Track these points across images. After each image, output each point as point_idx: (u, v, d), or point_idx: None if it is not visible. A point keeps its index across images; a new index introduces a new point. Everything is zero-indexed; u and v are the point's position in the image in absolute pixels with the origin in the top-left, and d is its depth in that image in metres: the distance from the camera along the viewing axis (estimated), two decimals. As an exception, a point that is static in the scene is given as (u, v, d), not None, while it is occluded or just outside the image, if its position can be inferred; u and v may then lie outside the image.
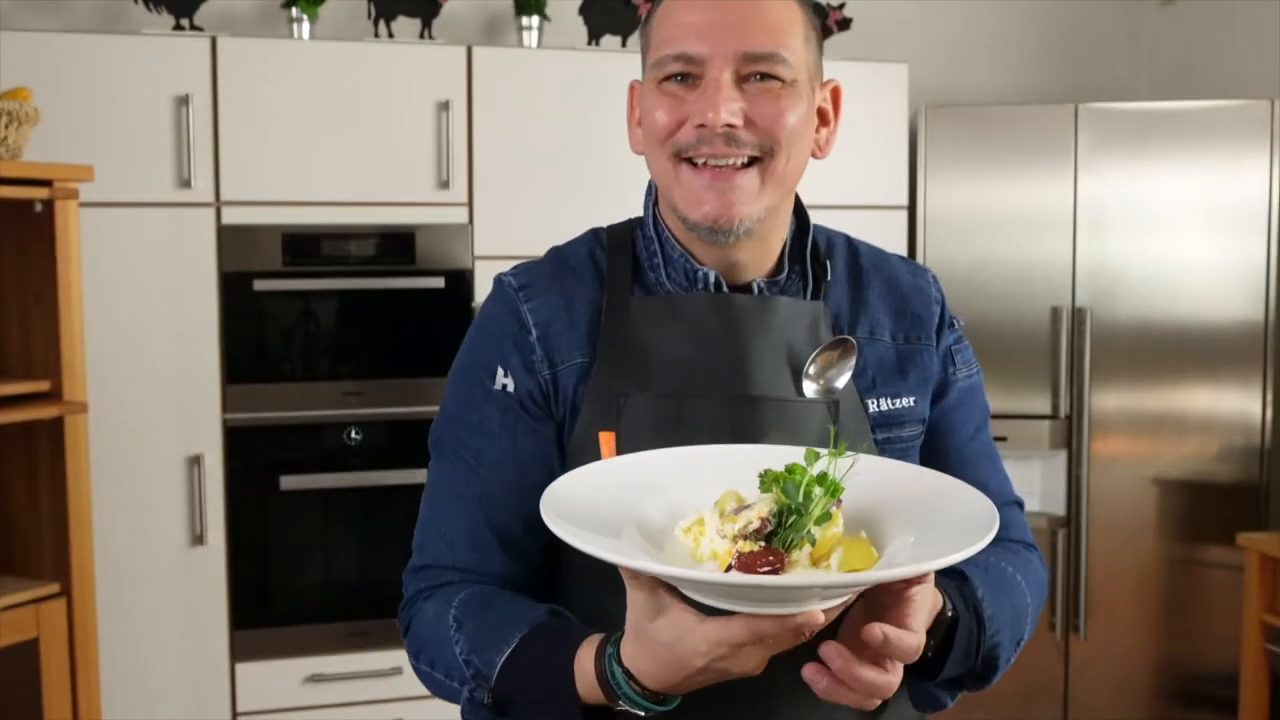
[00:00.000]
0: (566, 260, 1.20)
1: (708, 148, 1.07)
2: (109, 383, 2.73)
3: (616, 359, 1.12)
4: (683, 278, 1.16)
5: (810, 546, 0.88)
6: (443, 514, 1.16)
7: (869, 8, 3.66)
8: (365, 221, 2.97)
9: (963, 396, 1.23)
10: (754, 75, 1.08)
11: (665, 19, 1.12)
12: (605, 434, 1.09)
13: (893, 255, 1.28)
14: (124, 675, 2.82)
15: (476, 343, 1.19)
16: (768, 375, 1.12)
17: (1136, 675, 3.45)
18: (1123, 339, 3.36)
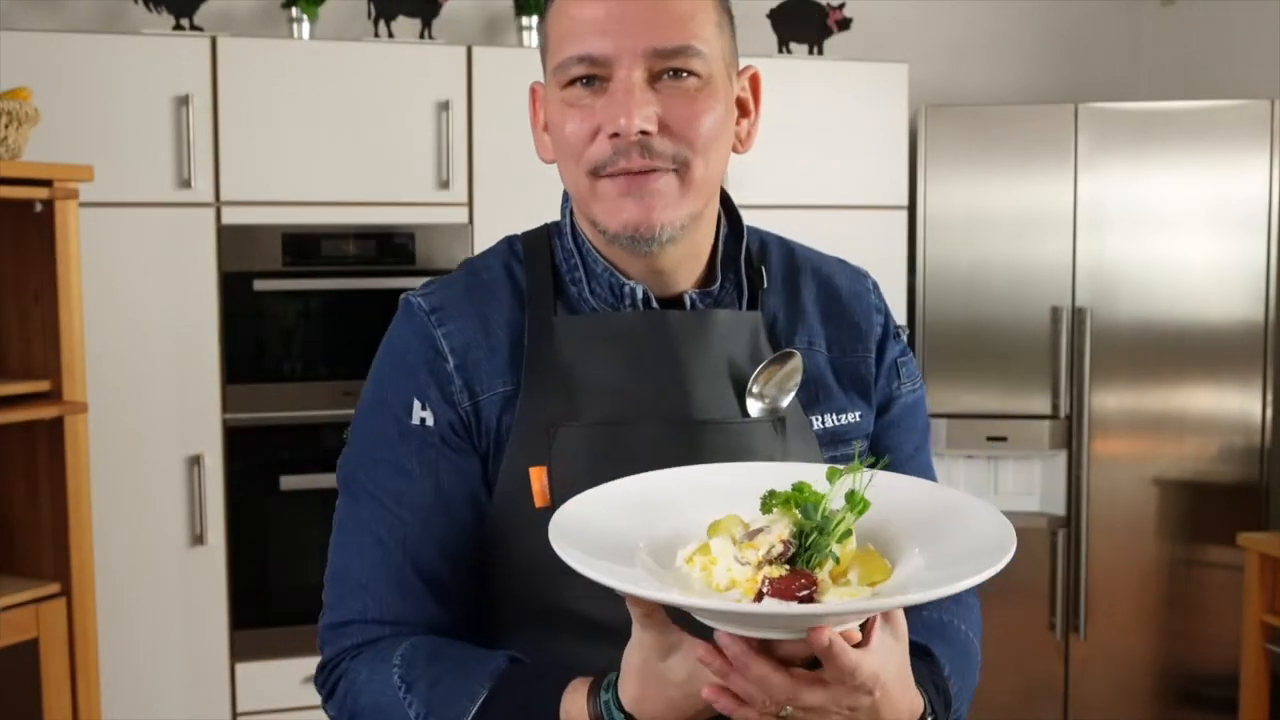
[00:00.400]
0: (480, 276, 1.10)
1: (624, 160, 0.99)
2: (109, 383, 2.73)
3: (543, 387, 1.04)
4: (608, 293, 1.07)
5: (833, 564, 0.85)
6: (362, 562, 1.05)
7: (869, 8, 3.66)
8: (365, 221, 2.97)
9: (904, 413, 1.16)
10: (666, 73, 0.99)
11: (562, 15, 1.02)
12: (536, 469, 1.02)
13: (831, 257, 1.20)
14: (124, 675, 2.82)
15: (388, 373, 1.08)
16: (709, 396, 1.04)
17: (1136, 675, 3.45)
18: (1123, 339, 3.36)
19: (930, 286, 3.41)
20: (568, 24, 1.01)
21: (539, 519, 0.97)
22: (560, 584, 1.00)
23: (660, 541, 0.90)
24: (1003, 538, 0.84)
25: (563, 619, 1.03)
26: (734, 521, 0.88)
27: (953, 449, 3.41)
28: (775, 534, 0.84)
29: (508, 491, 1.04)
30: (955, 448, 3.41)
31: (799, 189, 3.20)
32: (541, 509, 1.01)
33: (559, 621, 1.04)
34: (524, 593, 1.05)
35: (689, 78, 1.00)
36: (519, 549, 1.04)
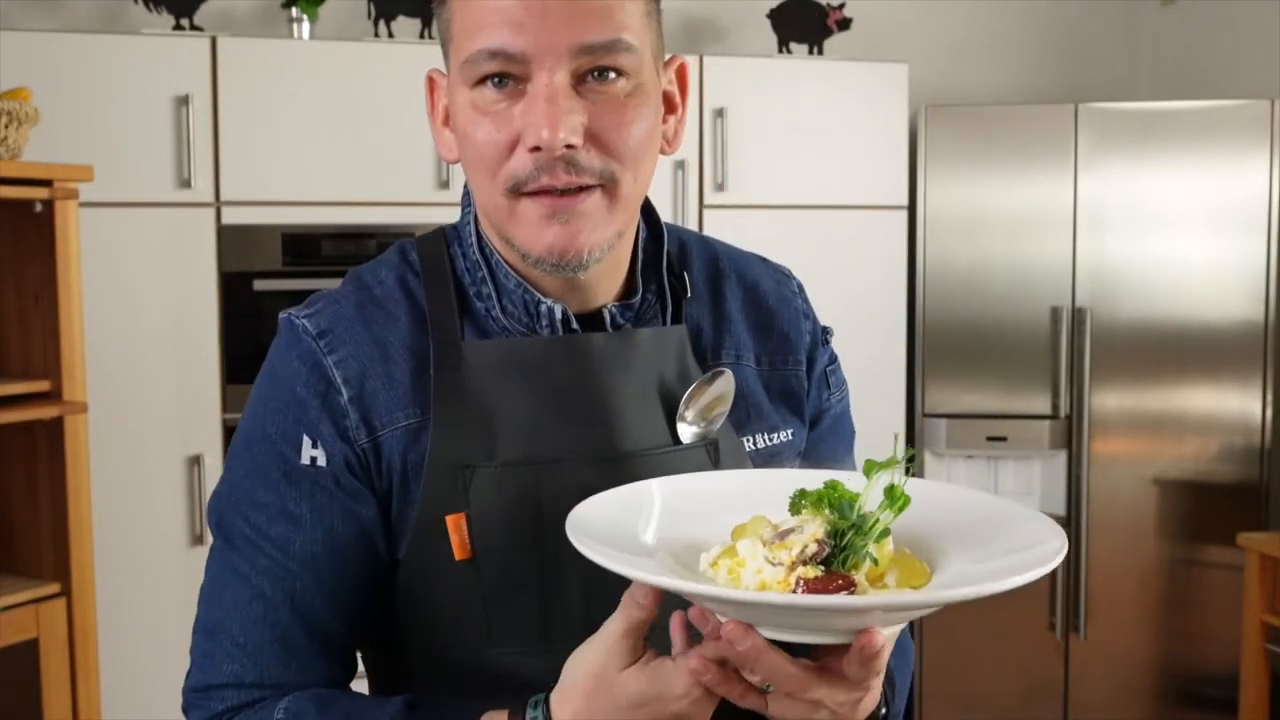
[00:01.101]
0: (373, 292, 0.98)
1: (547, 177, 0.87)
2: (109, 383, 2.73)
3: (454, 423, 0.92)
4: (522, 312, 0.96)
5: (871, 565, 0.80)
6: (241, 620, 0.93)
7: (869, 8, 3.66)
8: (365, 221, 2.97)
9: (834, 423, 1.10)
10: (592, 73, 0.87)
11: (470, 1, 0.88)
12: (453, 518, 0.91)
13: (752, 256, 1.10)
14: (124, 675, 2.82)
15: (273, 405, 0.95)
16: (636, 425, 0.95)
17: (1136, 675, 3.45)
18: (1123, 339, 3.36)
19: (930, 286, 3.41)
20: (476, 10, 0.87)
21: (459, 572, 0.92)
22: (482, 641, 0.93)
23: (678, 546, 0.86)
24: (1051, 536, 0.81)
25: (483, 677, 0.94)
26: (761, 523, 0.84)
27: (953, 449, 3.41)
28: (809, 534, 0.80)
29: (421, 541, 0.93)
30: (955, 448, 3.41)
31: (799, 189, 3.20)
32: (462, 561, 0.91)
33: (479, 679, 0.94)
34: (440, 650, 0.96)
35: (618, 79, 0.88)
36: (438, 604, 0.94)
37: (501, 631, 0.93)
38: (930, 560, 0.84)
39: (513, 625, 0.93)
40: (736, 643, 0.75)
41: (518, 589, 0.92)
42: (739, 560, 0.81)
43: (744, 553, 0.81)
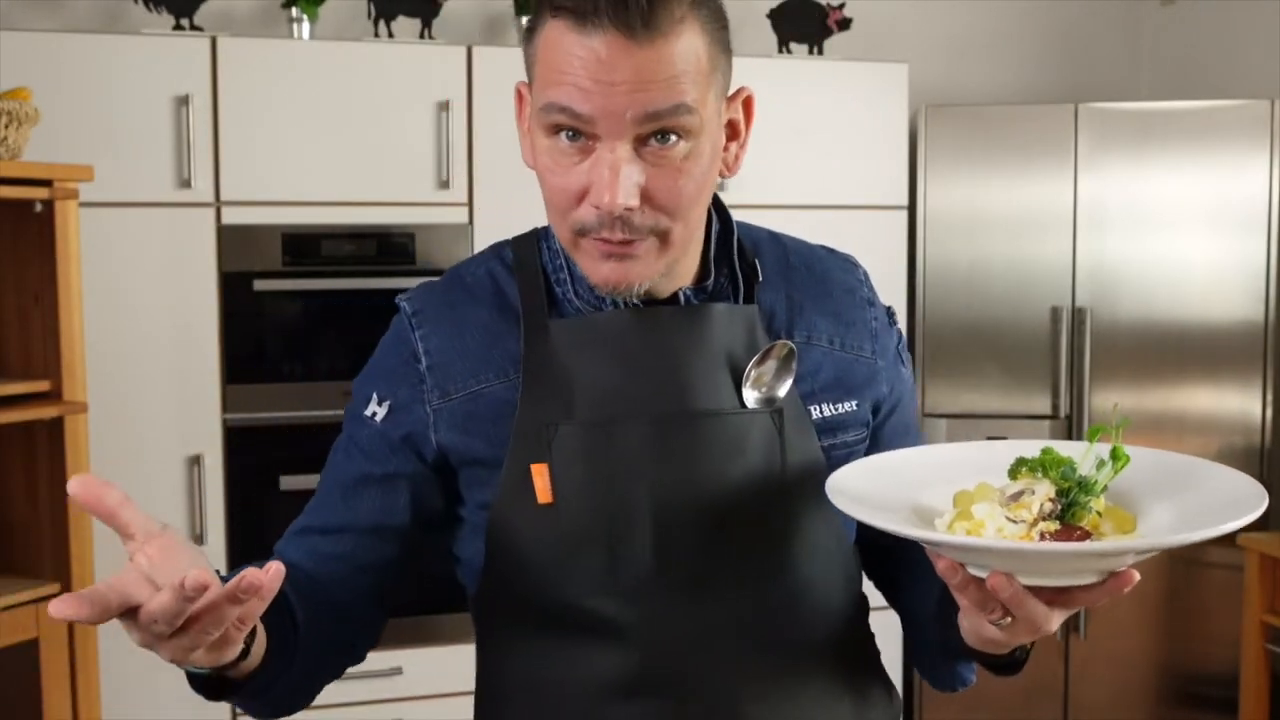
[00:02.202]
0: (464, 281, 1.14)
1: (606, 231, 0.99)
2: (109, 383, 2.73)
3: (541, 388, 1.06)
4: (590, 295, 1.09)
5: (1094, 517, 0.93)
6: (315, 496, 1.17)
7: (869, 8, 3.66)
8: (365, 221, 2.97)
9: (910, 394, 1.21)
10: (654, 136, 0.96)
11: (549, 52, 0.97)
12: (537, 466, 1.04)
13: (819, 248, 1.21)
14: (124, 675, 2.82)
15: (370, 366, 1.15)
16: (705, 387, 1.06)
17: (1136, 675, 3.45)
18: (1123, 339, 3.36)
19: (930, 286, 3.41)
20: (552, 65, 0.97)
21: (542, 515, 1.04)
22: (564, 581, 1.05)
23: (907, 511, 0.99)
24: (1249, 489, 0.92)
25: (565, 616, 1.06)
26: (987, 489, 0.96)
27: (953, 449, 3.41)
28: (1041, 494, 0.92)
29: (510, 487, 1.05)
30: (955, 448, 3.41)
31: (799, 189, 3.20)
32: (544, 505, 1.04)
33: (561, 618, 1.06)
34: (524, 587, 1.08)
35: (677, 142, 0.97)
36: (522, 545, 1.06)
37: (576, 571, 1.05)
38: (1131, 510, 0.96)
39: (586, 566, 1.05)
40: (1000, 591, 0.87)
41: (592, 533, 1.04)
42: (977, 522, 0.93)
43: (981, 515, 0.93)
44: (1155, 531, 0.93)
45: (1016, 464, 0.96)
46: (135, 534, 0.87)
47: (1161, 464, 1.00)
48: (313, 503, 1.14)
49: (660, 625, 1.05)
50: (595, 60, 0.94)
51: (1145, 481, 0.98)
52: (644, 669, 1.06)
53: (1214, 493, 0.94)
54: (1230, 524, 0.85)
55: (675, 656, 1.06)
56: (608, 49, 0.93)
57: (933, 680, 1.20)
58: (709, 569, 1.05)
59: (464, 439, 1.08)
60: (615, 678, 1.06)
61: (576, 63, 0.94)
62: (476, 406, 1.08)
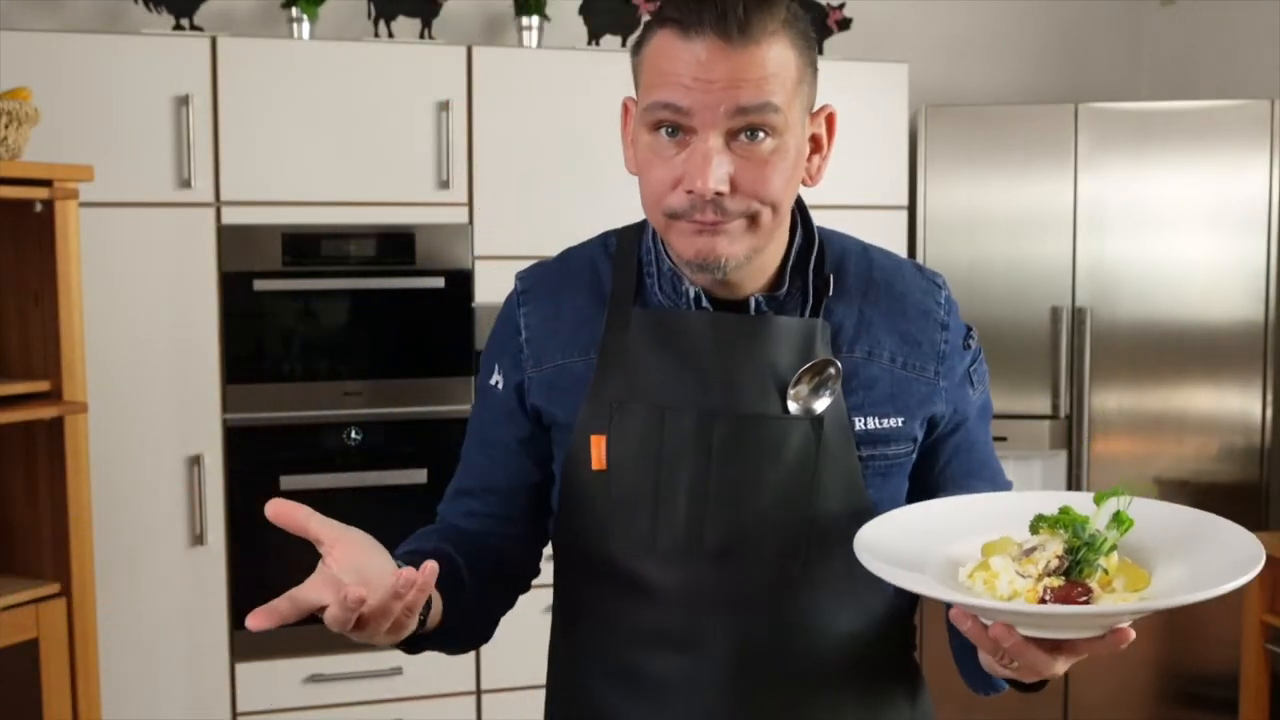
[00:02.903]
0: (570, 265, 1.27)
1: (698, 215, 1.09)
2: (109, 383, 2.73)
3: (613, 368, 1.19)
4: (671, 290, 1.20)
5: (1102, 574, 0.99)
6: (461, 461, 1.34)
7: (869, 8, 3.66)
8: (365, 221, 2.97)
9: (980, 412, 1.28)
10: (744, 131, 1.08)
11: (655, 58, 1.10)
12: (596, 437, 1.17)
13: (907, 264, 1.29)
14: (124, 675, 2.83)
15: (490, 340, 1.31)
16: (752, 392, 1.16)
17: (1136, 675, 3.45)
18: (1123, 339, 3.36)
19: (930, 286, 3.40)
20: (658, 69, 1.09)
21: (595, 480, 1.18)
22: (608, 541, 1.19)
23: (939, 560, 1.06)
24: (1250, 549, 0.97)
25: (610, 572, 1.20)
26: (1008, 542, 1.03)
27: (953, 449, 3.41)
28: (1050, 551, 0.99)
29: (573, 455, 1.19)
30: (955, 448, 3.41)
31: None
32: (597, 471, 1.18)
33: (607, 573, 1.20)
34: (580, 546, 1.22)
35: (765, 139, 1.08)
36: (577, 506, 1.20)
37: (621, 533, 1.18)
38: (1147, 566, 1.01)
39: (630, 529, 1.18)
40: (1002, 641, 0.96)
41: (636, 501, 1.17)
42: (993, 573, 0.99)
43: (996, 567, 1.00)
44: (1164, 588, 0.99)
45: (1036, 520, 1.03)
46: (324, 540, 1.03)
47: (1178, 520, 1.06)
48: (461, 466, 1.32)
49: (686, 590, 1.17)
50: (696, 62, 1.06)
51: (1163, 537, 1.03)
52: (670, 626, 1.18)
53: (1218, 551, 0.99)
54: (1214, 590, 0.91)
55: (695, 620, 1.17)
56: (708, 52, 1.06)
57: (970, 683, 1.26)
58: (737, 546, 1.16)
59: (547, 404, 1.22)
60: (647, 630, 1.19)
61: (680, 65, 1.07)
62: (559, 378, 1.22)
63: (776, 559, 1.16)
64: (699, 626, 1.17)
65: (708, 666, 1.18)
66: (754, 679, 1.18)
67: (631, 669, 1.21)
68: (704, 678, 1.18)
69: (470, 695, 3.04)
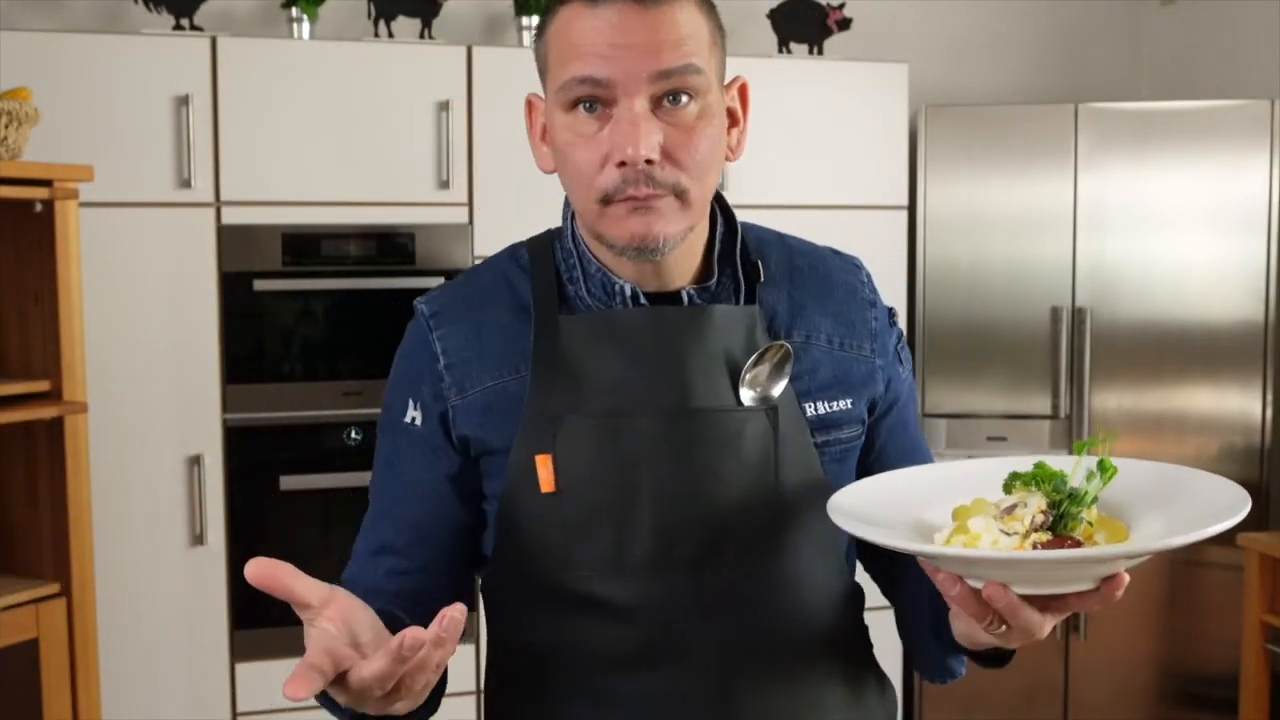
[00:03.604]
0: (480, 282, 1.20)
1: (631, 189, 1.04)
2: (109, 383, 2.73)
3: (549, 381, 1.11)
4: (601, 292, 1.14)
5: (1086, 527, 0.96)
6: (364, 525, 1.21)
7: (869, 8, 3.66)
8: (365, 221, 2.97)
9: (910, 392, 1.24)
10: (667, 97, 1.04)
11: (564, 35, 1.06)
12: (541, 457, 1.09)
13: (824, 249, 1.25)
14: (124, 675, 2.82)
15: (395, 375, 1.21)
16: (705, 386, 1.11)
17: (1136, 675, 3.45)
18: (1123, 339, 3.36)
19: (930, 286, 3.41)
20: (568, 44, 1.05)
21: (546, 504, 1.10)
22: (566, 567, 1.11)
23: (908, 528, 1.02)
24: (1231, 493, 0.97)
25: (569, 597, 1.12)
26: (983, 504, 0.99)
27: (953, 449, 3.41)
28: (1034, 507, 0.96)
29: (517, 477, 1.11)
30: (955, 448, 3.41)
31: (799, 189, 3.20)
32: (547, 494, 1.09)
33: (566, 599, 1.12)
34: (534, 574, 1.13)
35: (689, 103, 1.05)
36: (529, 532, 1.11)
37: (581, 556, 1.10)
38: (1123, 520, 0.99)
39: (590, 552, 1.10)
40: (996, 600, 0.91)
41: (595, 520, 1.10)
42: (973, 535, 0.96)
43: (977, 528, 0.96)
44: (1147, 537, 0.97)
45: (1010, 479, 1.00)
46: (312, 603, 0.88)
47: (1152, 474, 1.03)
48: (373, 520, 1.19)
49: (661, 604, 1.10)
50: (609, 28, 1.03)
51: (1137, 492, 1.01)
52: (646, 644, 1.11)
53: (1202, 499, 0.98)
54: (1215, 527, 0.90)
55: (675, 633, 1.11)
56: (620, 16, 1.03)
57: (924, 672, 1.23)
58: (707, 554, 1.10)
59: (480, 432, 1.13)
60: (620, 652, 1.12)
61: (592, 34, 1.03)
62: (491, 401, 1.13)
63: (749, 559, 1.11)
64: (676, 640, 1.11)
65: (690, 680, 1.12)
66: (740, 685, 1.13)
67: (605, 695, 1.13)
68: (688, 692, 1.12)
69: (470, 695, 3.04)
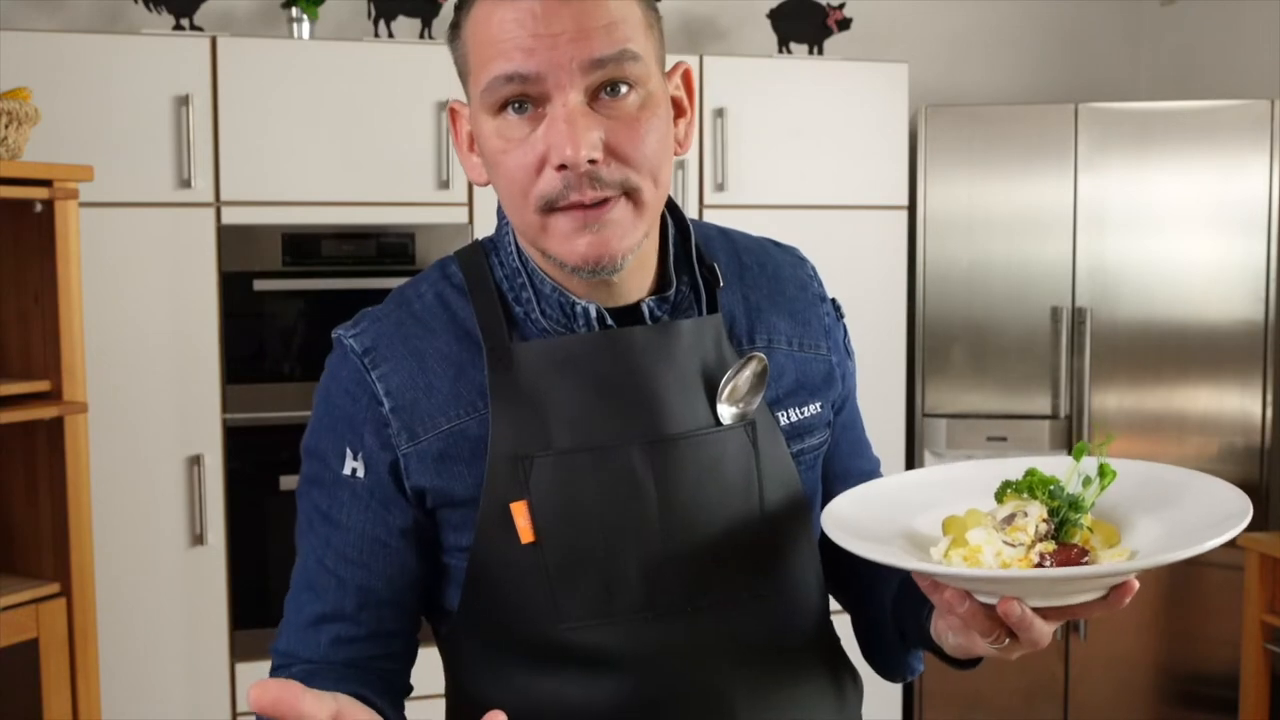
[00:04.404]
0: (413, 308, 1.05)
1: (575, 194, 0.93)
2: (109, 383, 2.73)
3: (512, 418, 1.00)
4: (559, 313, 1.02)
5: (1085, 532, 0.93)
6: (292, 592, 1.10)
7: (869, 8, 3.66)
8: (365, 221, 2.97)
9: (854, 387, 1.19)
10: (604, 88, 0.93)
11: (480, 30, 0.95)
12: (516, 505, 0.99)
13: (767, 242, 1.17)
14: (124, 675, 2.82)
15: (324, 419, 1.05)
16: (680, 409, 1.02)
17: (1136, 675, 3.45)
18: (1123, 339, 3.36)
19: (930, 286, 3.41)
20: (488, 40, 0.94)
21: (526, 554, 0.99)
22: (551, 616, 1.01)
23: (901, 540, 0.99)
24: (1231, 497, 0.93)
25: (558, 651, 1.02)
26: (977, 515, 0.96)
27: (953, 449, 3.41)
28: (1034, 515, 0.93)
29: (488, 528, 1.00)
30: (955, 448, 3.41)
31: (799, 189, 3.20)
32: (528, 545, 0.99)
33: (554, 654, 1.03)
34: (510, 626, 1.03)
35: (629, 93, 0.94)
36: (507, 586, 1.02)
37: (567, 607, 1.01)
38: (1114, 523, 0.97)
39: (577, 601, 1.01)
40: (1010, 616, 0.87)
41: (580, 567, 1.00)
42: (974, 548, 0.93)
43: (977, 540, 0.93)
44: (1143, 542, 0.94)
45: (1002, 487, 0.96)
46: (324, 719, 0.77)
47: (1140, 476, 1.01)
48: (309, 583, 1.05)
49: (653, 650, 1.02)
50: (531, 17, 0.91)
51: (1126, 494, 0.99)
52: (638, 694, 1.03)
53: (1199, 504, 0.95)
54: (1229, 533, 0.87)
55: (669, 679, 1.03)
56: (542, 4, 0.91)
57: (883, 670, 1.19)
58: (699, 589, 1.03)
59: (438, 481, 1.01)
60: (609, 706, 1.03)
61: (513, 26, 0.92)
62: (448, 446, 1.01)
63: (743, 588, 1.04)
64: (667, 685, 1.02)
65: None
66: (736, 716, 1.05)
67: None
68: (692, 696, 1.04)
69: (470, 695, 3.04)
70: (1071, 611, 0.91)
